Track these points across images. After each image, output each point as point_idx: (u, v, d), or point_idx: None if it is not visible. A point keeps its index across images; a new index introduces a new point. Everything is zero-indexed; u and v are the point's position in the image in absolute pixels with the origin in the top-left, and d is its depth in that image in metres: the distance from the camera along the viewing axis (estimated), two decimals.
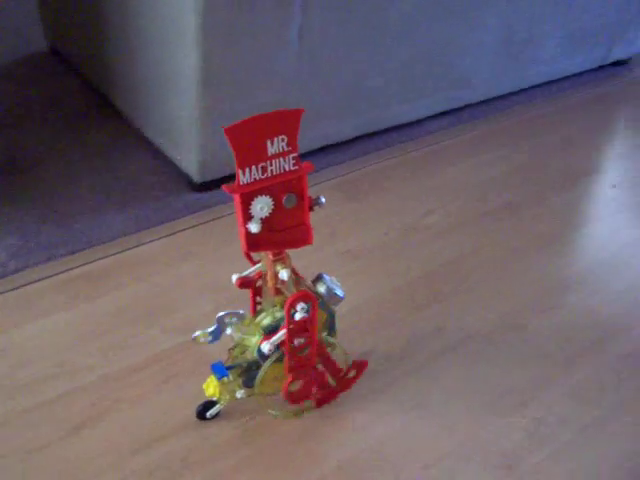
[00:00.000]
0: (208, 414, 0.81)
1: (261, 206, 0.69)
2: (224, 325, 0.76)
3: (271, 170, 0.68)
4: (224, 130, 0.66)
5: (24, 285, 1.05)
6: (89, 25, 1.48)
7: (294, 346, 0.75)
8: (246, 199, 0.68)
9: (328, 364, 0.81)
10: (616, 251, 1.20)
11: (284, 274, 0.72)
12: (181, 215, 1.23)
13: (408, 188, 1.36)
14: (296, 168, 0.70)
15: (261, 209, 0.69)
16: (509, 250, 1.19)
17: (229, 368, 0.77)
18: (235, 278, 0.76)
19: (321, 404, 0.86)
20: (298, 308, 0.71)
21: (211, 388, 0.78)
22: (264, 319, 0.75)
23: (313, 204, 0.72)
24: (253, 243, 0.70)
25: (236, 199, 0.68)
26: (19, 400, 0.86)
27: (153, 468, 0.78)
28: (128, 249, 1.14)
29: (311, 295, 0.71)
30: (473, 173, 1.42)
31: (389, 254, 1.16)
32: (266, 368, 0.76)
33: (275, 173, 0.69)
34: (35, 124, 1.49)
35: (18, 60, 1.75)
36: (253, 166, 0.67)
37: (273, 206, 0.69)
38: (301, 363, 0.78)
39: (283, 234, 0.72)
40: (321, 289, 0.76)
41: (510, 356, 0.97)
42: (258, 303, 0.81)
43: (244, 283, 0.76)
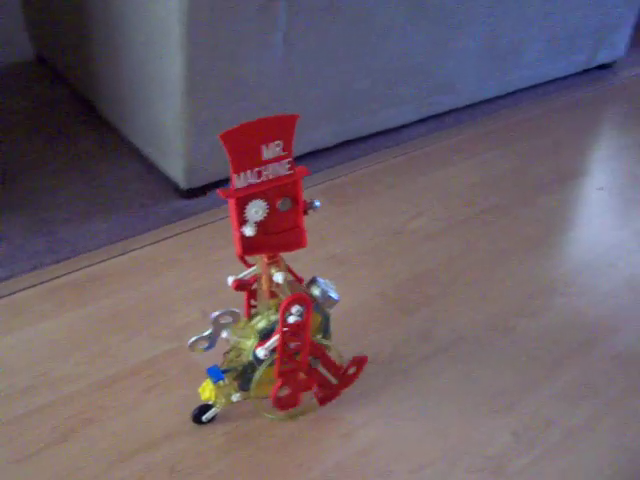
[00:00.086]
0: (204, 418, 0.83)
1: (256, 210, 0.71)
2: (219, 327, 0.78)
3: (266, 175, 0.71)
4: (219, 136, 0.68)
5: (10, 294, 1.07)
6: (75, 34, 1.50)
7: (288, 349, 0.78)
8: (241, 203, 0.71)
9: (327, 364, 0.83)
10: (602, 253, 1.24)
11: (279, 277, 0.74)
12: (168, 222, 1.25)
13: (395, 192, 1.39)
14: (291, 172, 0.72)
15: (256, 213, 0.71)
16: (496, 253, 1.22)
17: (225, 372, 0.80)
18: (231, 280, 0.78)
19: (324, 402, 0.88)
20: (293, 311, 0.74)
21: (207, 392, 0.80)
22: (259, 322, 0.78)
23: (308, 208, 0.75)
24: (248, 246, 0.73)
25: (231, 203, 0.71)
26: (4, 409, 0.87)
27: (140, 478, 0.80)
28: (114, 257, 1.16)
29: (306, 298, 0.74)
30: (459, 177, 1.45)
31: (376, 258, 1.19)
32: (261, 371, 0.78)
33: (270, 177, 0.71)
34: (21, 132, 1.51)
35: (4, 69, 1.77)
36: (248, 171, 0.70)
37: (267, 210, 0.72)
38: (293, 367, 0.80)
39: (277, 237, 0.74)
40: (316, 292, 0.78)
41: (498, 358, 0.99)
42: (253, 306, 0.83)
43: (240, 286, 0.78)
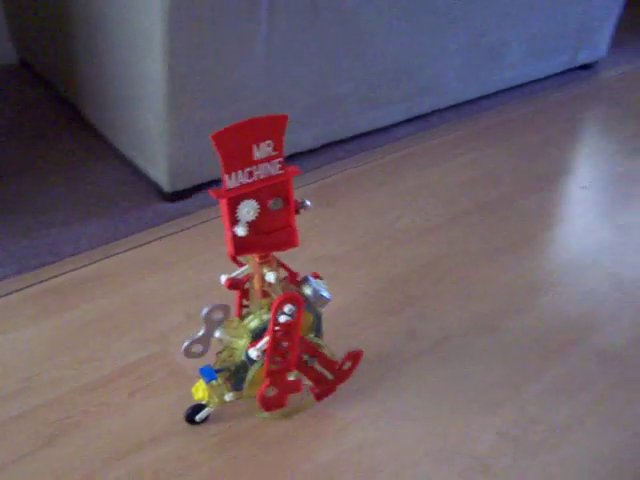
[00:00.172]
0: (197, 417, 0.85)
1: (247, 210, 0.73)
2: (212, 325, 0.79)
3: (257, 174, 0.73)
4: (211, 136, 0.70)
5: None
6: (58, 38, 1.51)
7: (280, 348, 0.80)
8: (232, 203, 0.73)
9: (322, 360, 0.85)
10: (586, 251, 1.27)
11: (271, 276, 0.77)
12: (151, 225, 1.27)
13: (380, 193, 1.42)
14: (282, 172, 0.75)
15: (247, 212, 0.73)
16: (482, 252, 1.25)
17: (217, 371, 0.82)
18: (224, 279, 0.80)
19: (321, 398, 0.90)
20: (285, 310, 0.76)
21: (200, 391, 0.82)
22: (252, 321, 0.80)
23: (299, 207, 0.77)
24: (240, 246, 0.75)
25: (222, 203, 0.73)
26: None
27: None
28: (98, 261, 1.18)
29: (298, 297, 0.76)
30: (444, 177, 1.49)
31: (362, 259, 1.21)
32: (254, 371, 0.80)
33: (261, 177, 0.74)
34: (5, 136, 1.52)
35: None
36: (240, 171, 0.72)
37: (259, 210, 0.74)
38: (283, 366, 0.82)
39: (269, 237, 0.76)
40: (307, 291, 0.81)
41: (484, 357, 1.01)
42: (245, 306, 0.85)
43: (233, 284, 0.80)
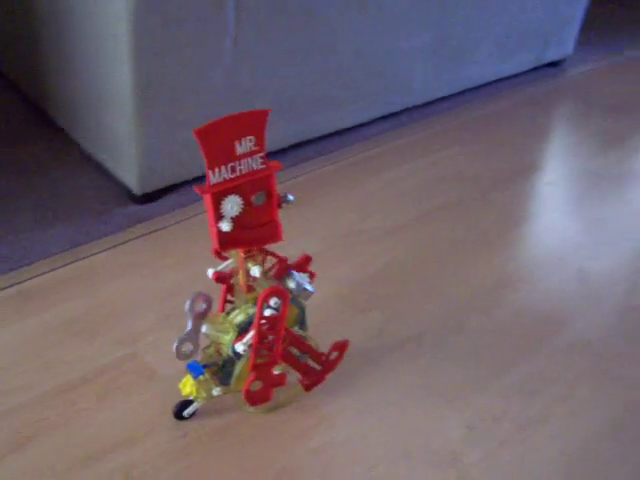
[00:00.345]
0: (185, 413, 0.88)
1: (231, 205, 0.77)
2: (198, 319, 0.82)
3: (240, 170, 0.78)
4: (194, 132, 0.74)
5: None
6: (26, 41, 1.53)
7: (266, 341, 0.84)
8: (216, 199, 0.77)
9: (310, 352, 0.90)
10: (553, 247, 1.33)
11: (256, 271, 0.81)
12: (122, 227, 1.30)
13: (348, 193, 1.46)
14: (264, 167, 0.79)
15: (231, 208, 0.77)
16: (449, 250, 1.30)
17: (205, 367, 0.85)
18: (211, 272, 0.84)
19: (310, 388, 0.95)
20: (271, 303, 0.80)
21: (187, 387, 0.85)
22: (237, 316, 0.84)
23: (281, 201, 0.82)
24: (224, 242, 0.79)
25: (207, 199, 0.77)
26: None
27: None
28: (69, 264, 1.20)
29: (283, 290, 0.81)
30: (412, 176, 1.54)
31: (330, 259, 1.25)
32: (241, 366, 0.84)
33: (244, 172, 0.78)
34: None
35: None
36: (223, 166, 0.76)
37: (242, 205, 0.78)
38: (269, 360, 0.86)
39: (253, 232, 0.80)
40: (291, 285, 0.85)
41: (452, 354, 1.06)
42: (229, 301, 0.89)
43: (220, 278, 0.84)
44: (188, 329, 0.82)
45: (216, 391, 0.86)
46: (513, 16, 1.86)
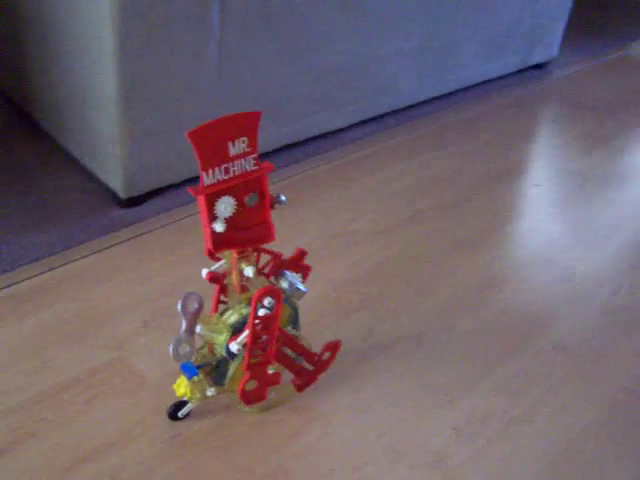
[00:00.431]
0: (180, 414, 0.90)
1: (225, 206, 0.79)
2: (192, 318, 0.83)
3: (233, 171, 0.80)
4: (187, 134, 0.76)
5: None
6: (9, 44, 1.55)
7: (260, 341, 0.86)
8: (210, 200, 0.79)
9: (303, 352, 0.92)
10: (539, 248, 1.35)
11: (249, 271, 0.83)
12: (107, 231, 1.32)
13: (335, 195, 1.48)
14: (257, 168, 0.81)
15: (225, 209, 0.79)
16: (437, 251, 1.32)
17: (199, 367, 0.87)
18: (205, 272, 0.86)
19: (302, 389, 0.96)
20: (265, 302, 0.82)
21: (182, 388, 0.87)
22: (231, 316, 0.85)
23: (274, 202, 0.84)
24: (218, 242, 0.81)
25: (201, 200, 0.79)
26: None
27: None
28: (54, 268, 1.21)
29: (277, 290, 0.83)
30: (399, 178, 1.57)
31: (318, 260, 1.27)
32: (236, 365, 0.86)
33: (237, 173, 0.80)
34: None
35: None
36: (216, 168, 0.78)
37: (236, 206, 0.80)
38: (263, 359, 0.88)
39: (246, 232, 0.82)
40: (284, 284, 0.87)
41: (438, 355, 1.08)
42: (222, 302, 0.91)
43: (214, 278, 0.86)
44: (183, 329, 0.83)
45: (210, 391, 0.88)
46: (499, 18, 1.90)
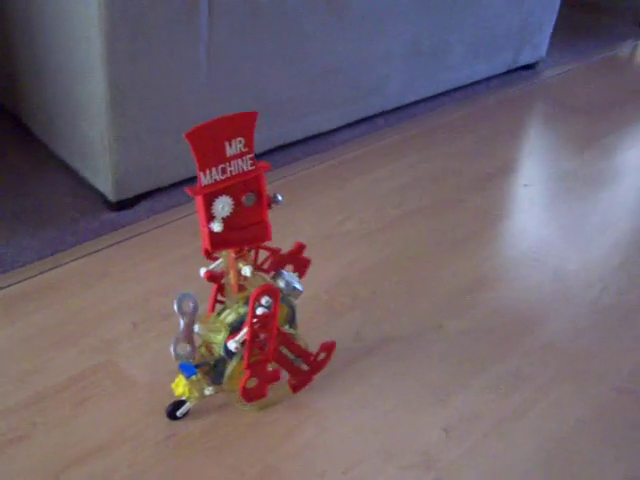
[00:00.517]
0: (178, 413, 0.91)
1: (222, 206, 0.81)
2: (189, 318, 0.85)
3: (230, 171, 0.81)
4: (185, 135, 0.77)
5: None
6: None
7: (258, 340, 0.88)
8: (208, 200, 0.80)
9: (299, 352, 0.94)
10: (528, 248, 1.38)
11: (247, 270, 0.85)
12: (97, 235, 1.33)
13: (324, 197, 1.50)
14: (253, 168, 0.83)
15: (222, 209, 0.81)
16: (426, 252, 1.34)
17: (197, 366, 0.89)
18: (203, 271, 0.87)
19: (298, 389, 0.98)
20: (263, 301, 0.84)
21: (180, 387, 0.88)
22: (229, 315, 0.87)
23: (271, 202, 0.86)
24: (216, 242, 0.82)
25: (198, 200, 0.80)
26: None
27: None
28: (44, 272, 1.22)
29: (275, 288, 0.84)
30: (389, 179, 1.58)
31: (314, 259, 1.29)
32: (234, 364, 0.88)
33: (234, 173, 0.82)
34: None
35: None
36: (213, 168, 0.80)
37: (233, 205, 0.82)
38: (262, 358, 0.90)
39: (244, 232, 0.84)
40: (281, 284, 0.89)
41: (428, 356, 1.09)
42: (220, 301, 0.93)
43: (212, 277, 0.88)
44: (181, 328, 0.85)
45: (208, 390, 0.89)
46: (487, 20, 1.93)
